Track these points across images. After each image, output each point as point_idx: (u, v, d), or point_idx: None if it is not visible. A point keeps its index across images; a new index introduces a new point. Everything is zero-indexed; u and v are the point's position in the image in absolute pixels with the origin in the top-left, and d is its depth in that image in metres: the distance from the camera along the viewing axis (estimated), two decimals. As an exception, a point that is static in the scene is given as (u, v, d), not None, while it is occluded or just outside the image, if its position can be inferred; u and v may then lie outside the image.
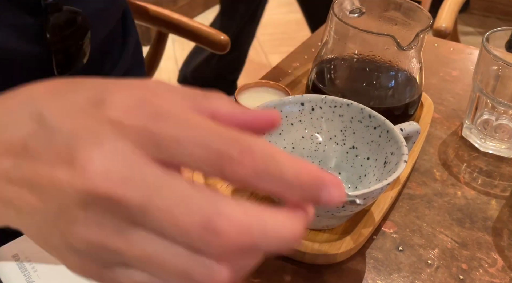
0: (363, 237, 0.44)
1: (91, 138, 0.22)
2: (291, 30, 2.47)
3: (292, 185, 0.22)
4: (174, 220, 0.21)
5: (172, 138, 0.22)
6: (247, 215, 0.21)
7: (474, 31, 2.38)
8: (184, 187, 0.22)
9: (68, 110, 0.24)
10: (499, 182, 0.54)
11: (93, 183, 0.21)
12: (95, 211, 0.22)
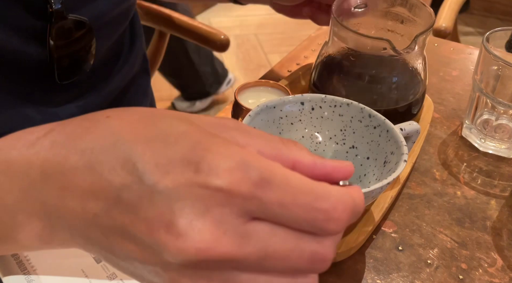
0: (362, 237, 0.44)
1: (195, 206, 0.23)
2: (291, 30, 2.47)
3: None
4: (290, 263, 0.24)
5: (278, 204, 0.23)
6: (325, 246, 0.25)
7: (474, 31, 2.39)
8: (291, 233, 0.24)
9: (165, 166, 0.24)
10: (499, 182, 0.54)
11: (199, 253, 0.23)
12: (202, 270, 0.24)
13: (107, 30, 0.56)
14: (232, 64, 2.19)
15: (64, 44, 0.49)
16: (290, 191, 0.24)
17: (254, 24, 2.53)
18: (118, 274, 0.37)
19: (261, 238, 0.24)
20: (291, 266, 0.24)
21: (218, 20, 2.54)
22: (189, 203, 0.23)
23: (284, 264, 0.24)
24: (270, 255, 0.24)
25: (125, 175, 0.24)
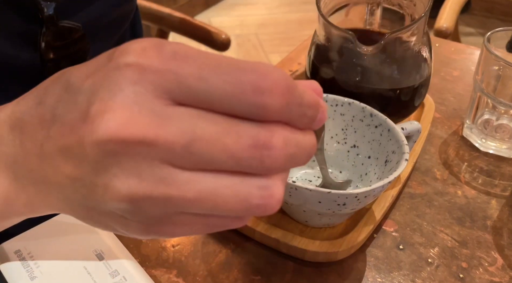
0: (363, 236, 0.45)
1: (108, 87, 0.21)
2: (292, 30, 2.47)
3: (307, 110, 0.23)
4: (225, 148, 0.21)
5: (197, 77, 0.21)
6: (286, 131, 0.22)
7: (475, 32, 2.39)
8: (223, 118, 0.21)
9: (90, 70, 0.23)
10: (500, 182, 0.54)
11: (111, 132, 0.20)
12: (127, 161, 0.21)
13: (105, 33, 0.55)
14: (232, 63, 2.19)
15: (57, 49, 0.48)
16: (209, 63, 0.21)
17: (254, 24, 2.54)
18: (120, 271, 0.37)
19: (184, 120, 0.21)
20: (231, 156, 0.21)
21: (219, 20, 2.54)
22: (103, 89, 0.21)
23: (220, 153, 0.21)
24: (199, 138, 0.21)
25: (60, 93, 0.24)
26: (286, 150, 0.22)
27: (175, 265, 0.43)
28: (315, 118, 0.24)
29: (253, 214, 0.23)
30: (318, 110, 0.24)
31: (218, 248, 0.45)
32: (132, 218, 0.23)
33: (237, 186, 0.22)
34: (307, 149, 0.23)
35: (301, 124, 0.23)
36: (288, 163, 0.22)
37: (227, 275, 0.43)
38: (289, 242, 0.43)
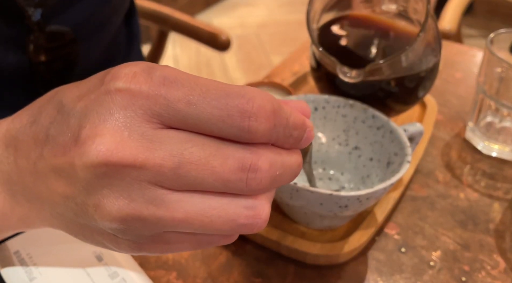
0: (365, 238, 0.44)
1: (99, 111, 0.22)
2: (293, 30, 2.47)
3: (293, 131, 0.24)
4: (213, 171, 0.22)
5: (186, 102, 0.21)
6: (271, 152, 0.23)
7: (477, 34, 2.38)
8: (211, 140, 0.22)
9: (82, 92, 0.24)
10: (502, 185, 0.54)
11: (101, 155, 0.21)
12: (118, 183, 0.22)
13: (97, 31, 0.54)
14: (233, 64, 2.19)
15: (47, 52, 0.48)
16: (198, 88, 0.22)
17: (255, 24, 2.53)
18: (119, 272, 0.37)
19: (173, 143, 0.21)
20: (218, 178, 0.22)
21: (220, 20, 2.54)
22: (94, 113, 0.22)
23: (208, 175, 0.22)
24: (187, 161, 0.21)
25: (53, 113, 0.24)
26: (272, 172, 0.23)
27: (175, 267, 0.43)
28: (301, 138, 0.24)
29: (240, 233, 0.24)
30: (305, 130, 0.24)
31: (218, 250, 0.45)
32: (123, 237, 0.24)
33: (224, 207, 0.23)
34: (293, 168, 0.24)
35: (287, 145, 0.24)
36: (273, 184, 0.23)
37: (227, 278, 0.42)
38: (290, 245, 0.43)
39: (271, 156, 0.23)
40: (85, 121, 0.22)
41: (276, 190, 0.40)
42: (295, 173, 0.25)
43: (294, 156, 0.24)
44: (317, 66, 0.53)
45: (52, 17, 0.46)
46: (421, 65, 0.48)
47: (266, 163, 0.22)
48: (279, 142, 0.23)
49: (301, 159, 0.25)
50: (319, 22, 0.49)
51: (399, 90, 0.49)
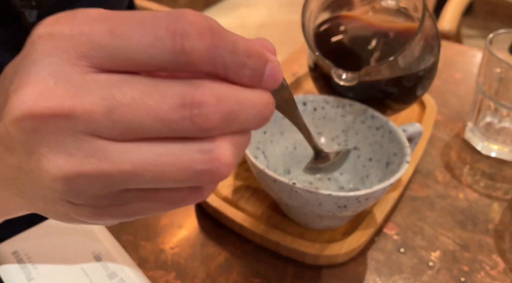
0: (364, 239, 0.44)
1: (24, 64, 0.20)
2: (293, 31, 2.47)
3: (247, 59, 0.21)
4: (150, 111, 0.19)
5: (109, 32, 0.19)
6: (220, 86, 0.20)
7: (477, 34, 2.38)
8: (146, 79, 0.20)
9: (18, 56, 0.22)
10: (502, 185, 0.54)
11: (25, 107, 0.19)
12: (52, 138, 0.20)
13: None
14: (233, 64, 2.19)
15: None
16: (123, 18, 0.20)
17: (255, 25, 2.53)
18: (118, 272, 0.37)
19: (104, 87, 0.19)
20: (157, 119, 0.19)
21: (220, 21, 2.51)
22: (20, 67, 0.20)
23: (145, 117, 0.19)
24: (120, 103, 0.19)
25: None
26: (222, 107, 0.20)
27: (174, 267, 0.43)
28: (261, 72, 0.21)
29: (201, 182, 0.21)
30: (264, 62, 0.21)
31: (217, 251, 0.45)
32: (77, 201, 0.22)
33: (175, 153, 0.20)
34: (256, 107, 0.21)
35: (244, 79, 0.21)
36: (230, 123, 0.20)
37: (227, 278, 0.42)
38: (289, 245, 0.43)
39: (219, 89, 0.20)
40: (14, 78, 0.21)
41: (275, 190, 0.40)
42: (261, 113, 0.22)
43: (256, 93, 0.21)
44: (315, 66, 0.53)
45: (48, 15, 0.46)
46: (419, 64, 0.48)
47: (211, 96, 0.20)
48: (230, 72, 0.20)
49: (269, 98, 0.22)
50: (316, 21, 0.49)
51: (397, 90, 0.49)
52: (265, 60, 0.21)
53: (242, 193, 0.49)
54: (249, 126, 0.22)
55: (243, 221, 0.45)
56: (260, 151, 0.47)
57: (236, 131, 0.21)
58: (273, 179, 0.39)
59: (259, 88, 0.22)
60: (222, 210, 0.46)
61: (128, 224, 0.46)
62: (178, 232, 0.46)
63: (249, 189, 0.50)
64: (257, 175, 0.42)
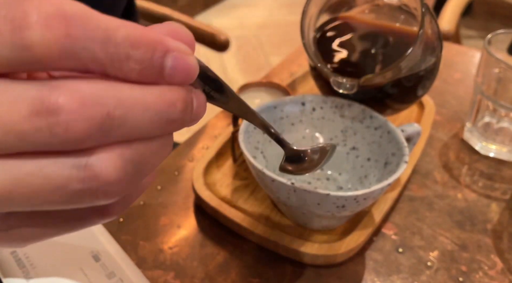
0: (362, 238, 0.44)
1: None
2: (292, 31, 2.47)
3: (131, 50, 0.17)
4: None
5: None
6: (89, 86, 0.17)
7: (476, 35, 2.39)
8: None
9: None
10: (500, 185, 0.54)
11: None
12: None
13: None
14: (232, 65, 2.19)
15: None
16: None
17: (255, 25, 2.53)
18: (116, 272, 0.37)
19: None
20: (7, 132, 0.16)
21: (219, 21, 2.54)
22: None
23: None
24: None
25: None
26: (90, 112, 0.16)
27: (173, 267, 0.43)
28: (158, 64, 0.18)
29: (86, 203, 0.18)
30: (162, 52, 0.18)
31: (216, 250, 0.45)
32: None
33: (45, 170, 0.17)
34: (152, 108, 0.18)
35: (132, 74, 0.17)
36: (109, 130, 0.17)
37: (225, 278, 0.42)
38: (288, 245, 0.43)
39: (85, 90, 0.16)
40: None
41: (274, 190, 0.40)
42: (164, 115, 0.18)
43: (154, 90, 0.18)
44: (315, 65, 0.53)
45: None
46: (421, 65, 0.48)
47: (71, 100, 0.16)
48: (108, 68, 0.17)
49: (178, 95, 0.18)
50: (316, 23, 0.49)
51: (398, 90, 0.49)
52: (163, 49, 0.18)
53: (241, 193, 0.49)
54: (145, 132, 0.18)
55: (242, 221, 0.45)
56: (259, 151, 0.47)
57: (127, 140, 0.18)
58: (271, 179, 0.39)
59: (164, 83, 0.18)
60: (221, 210, 0.46)
61: (127, 224, 0.47)
62: (177, 232, 0.46)
63: (248, 189, 0.50)
64: (256, 175, 0.42)
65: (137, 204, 0.49)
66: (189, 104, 0.19)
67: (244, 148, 0.42)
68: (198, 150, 0.56)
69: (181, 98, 0.19)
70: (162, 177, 0.52)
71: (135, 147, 0.18)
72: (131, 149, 0.18)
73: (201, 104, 0.20)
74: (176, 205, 0.49)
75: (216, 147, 0.53)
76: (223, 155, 0.54)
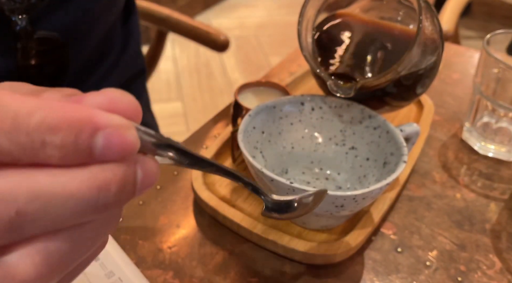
0: (361, 238, 0.44)
1: None
2: (291, 32, 2.47)
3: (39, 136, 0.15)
4: None
5: None
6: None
7: (475, 35, 2.39)
8: None
9: None
10: (499, 185, 0.54)
11: None
12: None
13: (86, 32, 0.53)
14: (231, 65, 2.19)
15: (37, 56, 0.47)
16: None
17: (254, 26, 2.53)
18: (116, 272, 0.37)
19: None
20: None
21: (219, 21, 2.54)
22: None
23: None
24: None
25: None
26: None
27: (172, 267, 0.43)
28: (87, 144, 0.16)
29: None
30: (90, 131, 0.16)
31: (215, 250, 0.45)
32: None
33: None
34: (76, 195, 0.16)
35: (53, 160, 0.16)
36: (22, 227, 0.15)
37: (224, 277, 0.43)
38: (286, 244, 0.43)
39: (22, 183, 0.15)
40: None
41: (273, 190, 0.40)
42: (93, 200, 0.16)
43: (80, 174, 0.16)
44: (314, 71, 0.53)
45: (40, 21, 0.46)
46: (420, 65, 0.48)
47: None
48: (21, 159, 0.15)
49: (114, 176, 0.17)
50: (314, 23, 0.49)
51: (397, 90, 0.49)
52: (92, 128, 0.16)
53: (240, 193, 0.49)
54: (71, 222, 0.16)
55: (241, 220, 0.45)
56: (258, 150, 0.47)
57: (49, 231, 0.16)
58: (270, 179, 0.39)
59: (95, 163, 0.16)
60: (220, 210, 0.46)
61: (126, 224, 0.47)
62: (176, 232, 0.46)
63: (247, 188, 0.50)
64: (255, 175, 0.42)
65: (136, 203, 0.49)
66: (128, 182, 0.17)
67: (243, 147, 0.42)
68: (198, 150, 0.56)
69: (117, 178, 0.17)
70: (161, 177, 0.52)
71: (59, 237, 0.16)
72: (53, 241, 0.16)
73: (150, 174, 0.18)
74: (175, 204, 0.49)
75: (215, 147, 0.53)
76: (222, 155, 0.54)
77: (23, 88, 0.19)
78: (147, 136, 0.18)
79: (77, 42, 0.50)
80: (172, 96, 2.00)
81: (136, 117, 0.18)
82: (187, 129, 1.75)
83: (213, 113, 0.62)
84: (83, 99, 0.17)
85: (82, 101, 0.17)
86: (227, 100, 1.97)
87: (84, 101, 0.17)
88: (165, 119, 1.83)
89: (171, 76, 2.10)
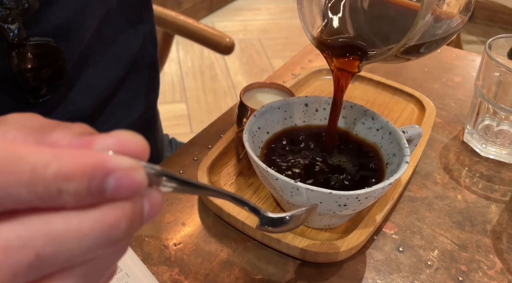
0: (363, 237, 0.45)
1: None
2: (294, 35, 2.48)
3: (55, 185, 0.17)
4: None
5: None
6: (16, 227, 0.16)
7: (477, 40, 2.39)
8: None
9: None
10: (499, 187, 0.55)
11: None
12: None
13: (82, 30, 0.52)
14: (235, 68, 2.20)
15: (31, 62, 0.47)
16: None
17: (257, 29, 2.55)
18: (122, 267, 0.38)
19: None
20: None
21: (222, 25, 2.56)
22: None
23: None
24: None
25: None
26: (15, 257, 0.16)
27: (177, 263, 0.44)
28: (99, 188, 0.17)
29: None
30: (101, 176, 0.17)
31: (219, 247, 0.46)
32: None
33: None
34: (90, 235, 0.17)
35: (70, 205, 0.17)
36: (42, 268, 0.16)
37: (228, 274, 0.43)
38: (290, 243, 0.44)
39: (7, 232, 0.16)
40: None
41: (277, 188, 0.41)
42: (105, 237, 0.17)
43: (93, 214, 0.17)
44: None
45: (32, 24, 0.45)
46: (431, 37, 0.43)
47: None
48: (40, 205, 0.17)
49: (124, 213, 0.18)
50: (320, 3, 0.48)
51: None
52: (103, 172, 0.17)
53: (245, 192, 0.50)
54: (86, 257, 0.18)
55: (245, 219, 0.46)
56: (263, 150, 0.48)
57: (66, 268, 0.18)
58: (275, 178, 0.40)
59: (107, 203, 0.18)
60: (225, 208, 0.47)
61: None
62: (181, 229, 0.47)
63: (252, 187, 0.51)
64: (260, 174, 0.43)
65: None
66: (136, 217, 0.19)
67: (248, 147, 0.43)
68: (203, 149, 0.57)
69: (126, 214, 0.18)
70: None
71: (74, 273, 0.18)
72: (68, 278, 0.18)
73: (156, 204, 0.20)
74: (181, 202, 0.50)
75: (220, 146, 0.54)
76: (227, 154, 0.54)
77: (33, 121, 0.20)
78: (153, 171, 0.20)
79: (69, 41, 0.50)
80: (176, 97, 2.01)
81: (143, 157, 0.19)
82: (191, 131, 1.76)
83: (216, 114, 0.63)
84: (94, 141, 0.18)
85: (93, 144, 0.18)
86: (230, 102, 1.99)
87: (95, 144, 0.18)
88: (170, 121, 1.84)
89: (175, 78, 2.11)
